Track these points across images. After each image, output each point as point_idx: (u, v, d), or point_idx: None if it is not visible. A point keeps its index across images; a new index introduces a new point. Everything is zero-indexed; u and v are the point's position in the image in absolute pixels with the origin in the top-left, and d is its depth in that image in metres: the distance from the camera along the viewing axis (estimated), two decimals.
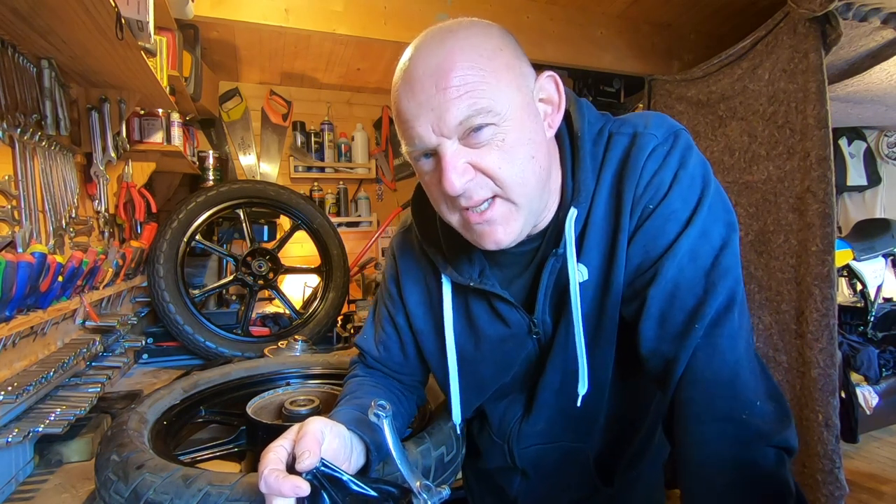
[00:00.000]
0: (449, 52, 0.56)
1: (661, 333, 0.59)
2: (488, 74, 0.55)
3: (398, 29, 2.07)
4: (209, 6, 1.80)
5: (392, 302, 0.82)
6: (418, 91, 0.56)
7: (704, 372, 0.56)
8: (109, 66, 1.17)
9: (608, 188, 0.64)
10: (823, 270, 1.71)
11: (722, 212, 0.61)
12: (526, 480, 0.83)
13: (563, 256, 0.65)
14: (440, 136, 0.57)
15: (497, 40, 0.58)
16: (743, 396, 0.55)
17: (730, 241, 0.59)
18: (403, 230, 0.83)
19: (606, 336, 0.66)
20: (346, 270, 2.13)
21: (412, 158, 0.62)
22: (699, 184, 0.60)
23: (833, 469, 1.68)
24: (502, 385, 0.76)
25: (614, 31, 2.41)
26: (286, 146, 2.91)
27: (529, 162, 0.59)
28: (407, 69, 0.58)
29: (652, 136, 0.62)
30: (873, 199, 3.52)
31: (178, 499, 0.63)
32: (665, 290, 0.59)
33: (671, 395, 0.58)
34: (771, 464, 0.53)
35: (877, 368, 2.81)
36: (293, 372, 1.23)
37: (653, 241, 0.61)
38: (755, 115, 2.00)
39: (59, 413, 0.98)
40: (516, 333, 0.71)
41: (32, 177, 1.07)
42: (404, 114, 0.58)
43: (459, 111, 0.55)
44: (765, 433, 0.53)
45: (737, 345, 0.56)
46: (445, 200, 0.62)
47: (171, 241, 1.78)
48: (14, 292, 0.87)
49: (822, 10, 1.62)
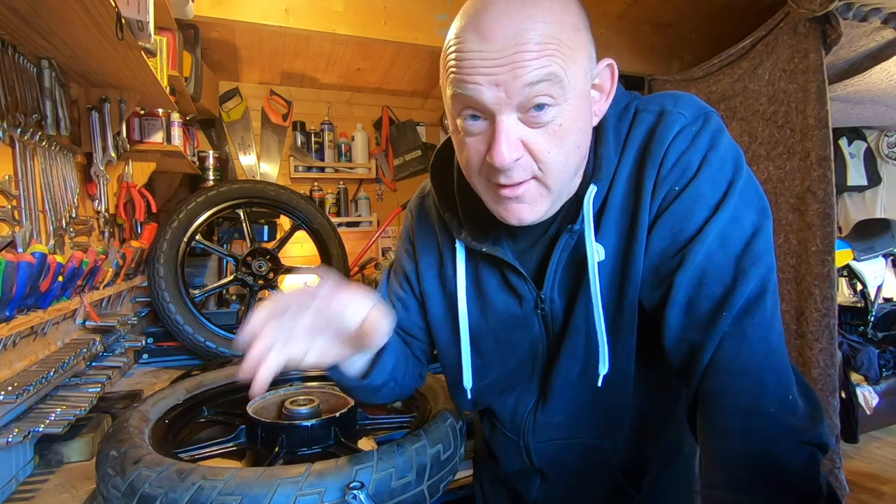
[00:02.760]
0: (531, 18, 0.51)
1: (687, 322, 0.56)
2: (566, 49, 0.52)
3: (398, 29, 2.07)
4: (209, 6, 1.80)
5: (409, 258, 0.81)
6: (491, 47, 0.51)
7: (732, 362, 0.53)
8: (109, 66, 1.17)
9: (630, 166, 0.61)
10: (823, 270, 1.71)
11: (755, 197, 0.58)
12: (545, 483, 0.79)
13: (578, 233, 0.62)
14: (502, 97, 0.52)
15: (576, 17, 0.55)
16: (773, 389, 0.51)
17: (762, 227, 0.56)
18: (422, 195, 0.82)
19: (627, 321, 0.63)
20: (347, 270, 2.13)
21: (457, 113, 0.57)
22: (730, 167, 0.57)
23: (833, 469, 1.68)
24: (507, 373, 0.74)
25: (614, 31, 2.41)
26: (286, 146, 2.91)
27: (574, 151, 0.57)
28: (478, 24, 0.52)
29: (680, 115, 0.59)
30: (873, 199, 3.52)
31: (173, 492, 0.64)
32: (693, 277, 0.56)
33: (695, 387, 0.56)
34: (801, 461, 0.50)
35: (877, 368, 2.81)
36: (294, 372, 1.23)
37: (679, 224, 0.57)
38: (755, 115, 2.00)
39: (60, 413, 0.98)
40: (524, 307, 0.69)
41: (32, 177, 1.07)
42: (466, 59, 0.53)
43: (533, 73, 0.51)
44: (796, 429, 0.50)
45: (768, 336, 0.53)
46: (482, 170, 0.59)
47: (171, 241, 1.78)
48: (14, 292, 0.87)
49: (822, 10, 1.62)
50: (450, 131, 0.63)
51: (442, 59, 0.58)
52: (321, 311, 0.60)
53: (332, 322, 0.60)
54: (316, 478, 0.68)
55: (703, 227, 0.56)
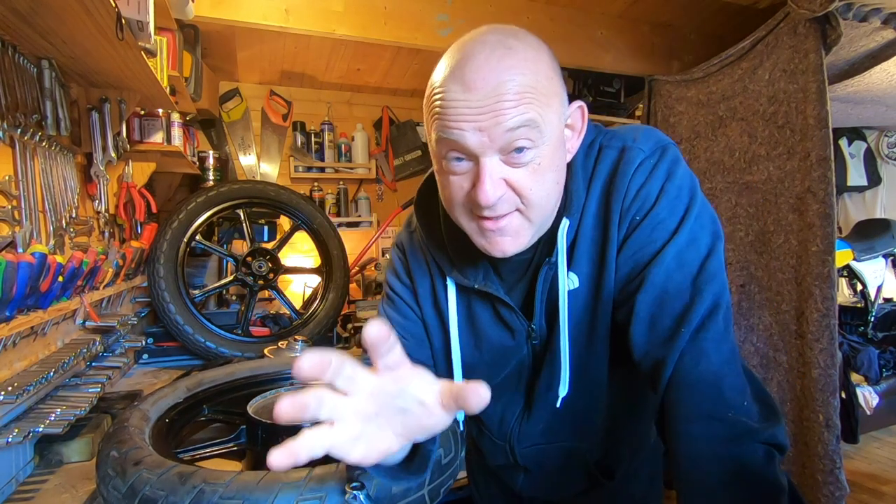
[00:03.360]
0: (510, 71, 0.56)
1: (650, 338, 0.61)
2: (541, 97, 0.57)
3: (398, 30, 2.07)
4: (209, 6, 1.80)
5: (406, 289, 0.81)
6: (473, 97, 0.55)
7: (691, 374, 0.58)
8: (109, 66, 1.17)
9: (597, 200, 0.66)
10: (824, 271, 1.71)
11: (709, 222, 0.63)
12: (529, 476, 0.85)
13: (554, 265, 0.67)
14: (485, 142, 0.57)
15: (549, 67, 0.59)
16: (729, 396, 0.57)
17: (715, 249, 0.62)
18: (410, 230, 0.83)
19: (600, 339, 0.69)
20: (347, 271, 2.13)
21: (441, 155, 0.61)
22: (686, 195, 0.63)
23: (833, 469, 1.68)
24: (494, 386, 0.76)
25: (614, 31, 2.41)
26: (286, 146, 2.91)
27: (554, 186, 0.62)
28: (462, 75, 0.56)
29: (639, 151, 0.64)
30: (873, 199, 3.52)
31: (173, 495, 0.64)
32: (653, 296, 0.61)
33: (661, 397, 0.60)
34: (760, 460, 0.54)
35: (877, 369, 2.81)
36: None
37: (641, 250, 0.63)
38: (755, 116, 2.00)
39: (60, 413, 0.98)
40: (517, 339, 0.73)
41: (33, 177, 1.07)
42: (451, 107, 0.57)
43: (513, 120, 0.55)
44: (752, 430, 0.55)
45: (721, 348, 0.58)
46: (465, 204, 0.62)
47: (171, 241, 1.78)
48: (14, 292, 0.87)
49: (822, 11, 1.62)
50: (434, 169, 0.67)
51: (426, 104, 0.61)
52: (377, 391, 0.46)
53: (386, 406, 0.47)
54: (317, 482, 0.68)
55: (662, 249, 0.61)
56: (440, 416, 0.48)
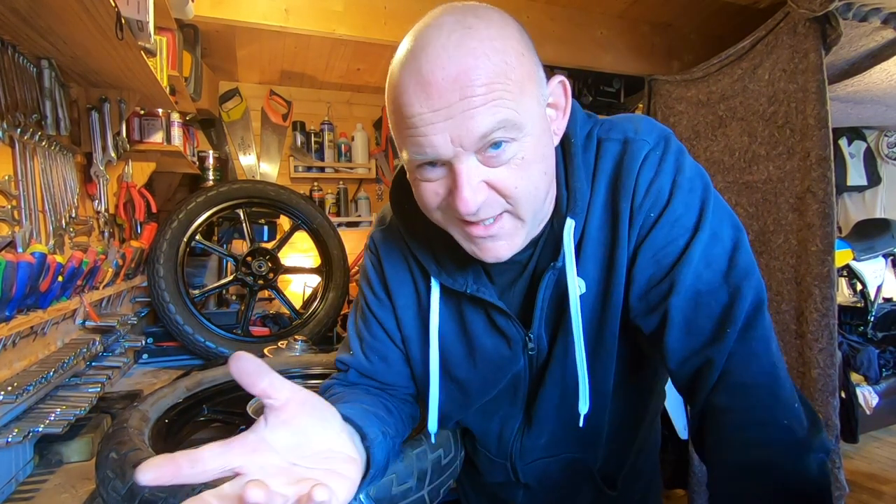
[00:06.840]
0: (472, 55, 0.48)
1: (689, 343, 0.57)
2: (513, 84, 0.50)
3: (398, 29, 2.07)
4: (209, 6, 1.80)
5: (381, 305, 0.74)
6: (435, 96, 0.49)
7: (742, 377, 0.54)
8: (109, 66, 1.17)
9: (603, 197, 0.61)
10: (823, 270, 1.71)
11: (726, 214, 0.59)
12: (529, 492, 0.81)
13: (560, 269, 0.62)
14: (457, 148, 0.50)
15: (518, 43, 0.52)
16: (783, 400, 0.53)
17: (741, 240, 0.58)
18: (383, 227, 0.75)
19: (607, 349, 0.64)
20: (346, 270, 2.13)
21: (413, 165, 0.55)
22: (700, 188, 0.59)
23: (833, 469, 1.68)
24: (489, 401, 0.73)
25: (614, 31, 2.41)
26: (286, 146, 2.91)
27: (542, 178, 0.55)
28: (418, 68, 0.49)
29: (644, 143, 0.60)
30: (873, 199, 3.52)
31: (173, 497, 0.64)
32: (686, 299, 0.56)
33: (702, 403, 0.56)
34: (815, 468, 0.52)
35: (877, 368, 2.81)
36: (295, 372, 1.23)
37: (662, 250, 0.58)
38: (755, 115, 2.00)
39: (59, 413, 0.98)
40: (513, 348, 0.68)
41: (32, 177, 1.07)
42: (414, 119, 0.50)
43: (484, 124, 0.49)
44: (806, 437, 0.52)
45: (771, 347, 0.55)
46: (445, 210, 0.56)
47: (171, 241, 1.78)
48: (14, 292, 0.87)
49: (822, 10, 1.62)
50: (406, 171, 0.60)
51: (387, 98, 0.55)
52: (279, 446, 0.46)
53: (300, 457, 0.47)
54: None
55: (686, 249, 0.57)
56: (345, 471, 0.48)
